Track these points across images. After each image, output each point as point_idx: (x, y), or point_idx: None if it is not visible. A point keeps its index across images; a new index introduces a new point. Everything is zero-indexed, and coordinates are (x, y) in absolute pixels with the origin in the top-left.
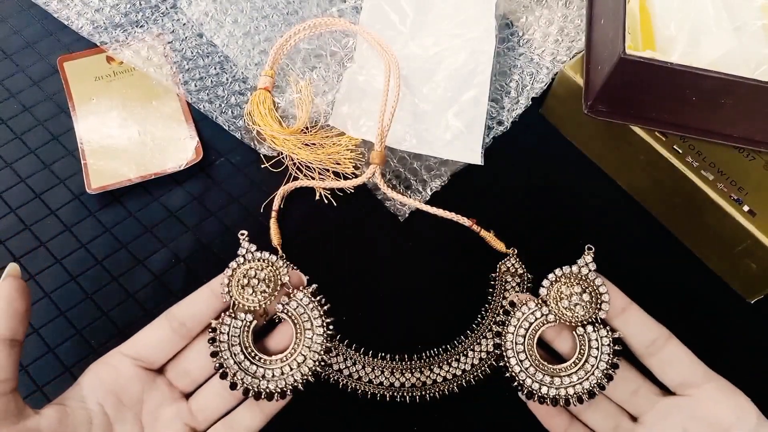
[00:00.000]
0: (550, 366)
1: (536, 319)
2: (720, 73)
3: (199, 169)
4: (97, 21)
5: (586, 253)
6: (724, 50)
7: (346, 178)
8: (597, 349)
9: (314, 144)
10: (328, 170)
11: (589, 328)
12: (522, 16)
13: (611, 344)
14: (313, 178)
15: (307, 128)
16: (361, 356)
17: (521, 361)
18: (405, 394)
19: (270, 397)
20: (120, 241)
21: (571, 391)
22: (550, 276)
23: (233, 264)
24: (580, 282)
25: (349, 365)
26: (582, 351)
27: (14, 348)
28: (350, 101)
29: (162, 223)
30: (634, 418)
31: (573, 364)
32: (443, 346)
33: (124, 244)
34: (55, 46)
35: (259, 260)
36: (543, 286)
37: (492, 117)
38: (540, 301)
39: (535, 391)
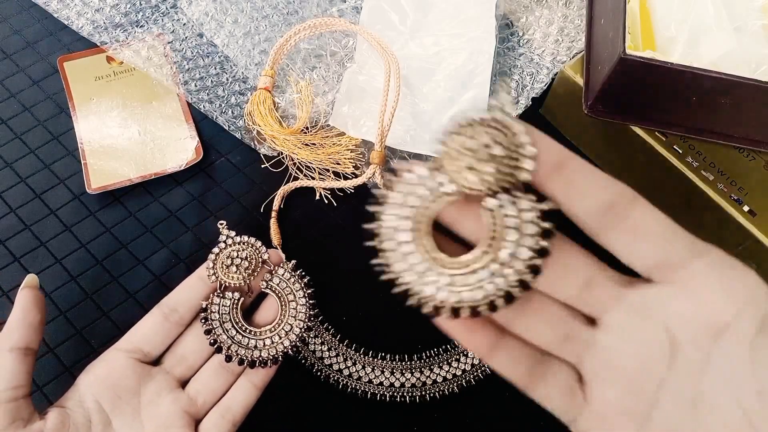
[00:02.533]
0: (450, 259)
1: (428, 191)
2: (720, 73)
3: (199, 169)
4: (97, 21)
5: (500, 86)
6: (725, 50)
7: (346, 178)
8: (515, 229)
9: (314, 144)
10: (328, 170)
11: (503, 197)
12: (522, 16)
13: (537, 219)
14: (313, 178)
15: (307, 128)
16: (361, 356)
17: (406, 254)
18: (405, 394)
19: (264, 364)
20: (120, 241)
21: (479, 294)
22: (448, 126)
23: (216, 249)
24: (491, 131)
25: (349, 365)
26: (494, 234)
27: (28, 356)
28: (350, 101)
29: (162, 223)
30: (591, 321)
31: (482, 254)
32: (443, 346)
33: (124, 244)
34: (56, 46)
35: (239, 243)
36: (440, 141)
37: None
38: (433, 166)
39: (425, 299)
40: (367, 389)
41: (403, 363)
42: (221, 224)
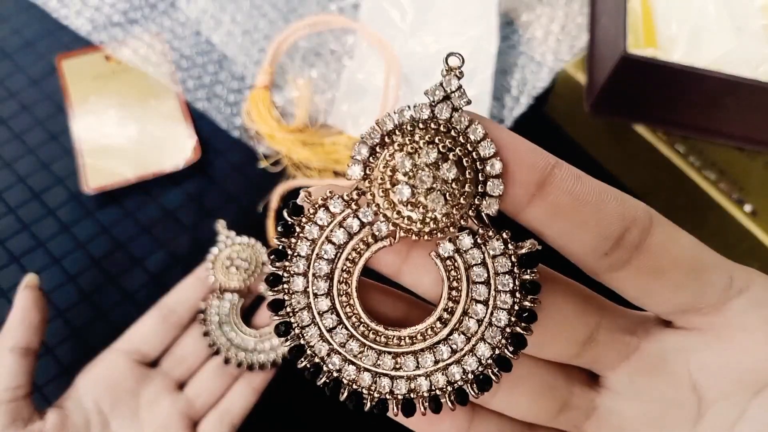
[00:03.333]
0: (392, 331)
1: (350, 236)
2: (721, 73)
3: (197, 169)
4: (95, 20)
5: (445, 66)
6: (725, 50)
7: (345, 177)
8: (484, 284)
9: (313, 143)
10: (327, 169)
11: (462, 239)
12: (523, 14)
13: (515, 267)
14: (312, 177)
15: (306, 127)
16: None
17: (329, 328)
18: None
19: (263, 367)
20: (118, 241)
21: (439, 379)
22: (371, 133)
23: (215, 250)
24: (439, 139)
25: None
26: (453, 294)
27: (28, 357)
28: (350, 99)
29: (160, 222)
30: (592, 379)
31: (438, 323)
32: None
33: (122, 244)
34: (54, 45)
35: (239, 244)
36: (356, 160)
37: (493, 115)
38: (353, 194)
39: (366, 390)
40: None
41: None
42: (220, 224)
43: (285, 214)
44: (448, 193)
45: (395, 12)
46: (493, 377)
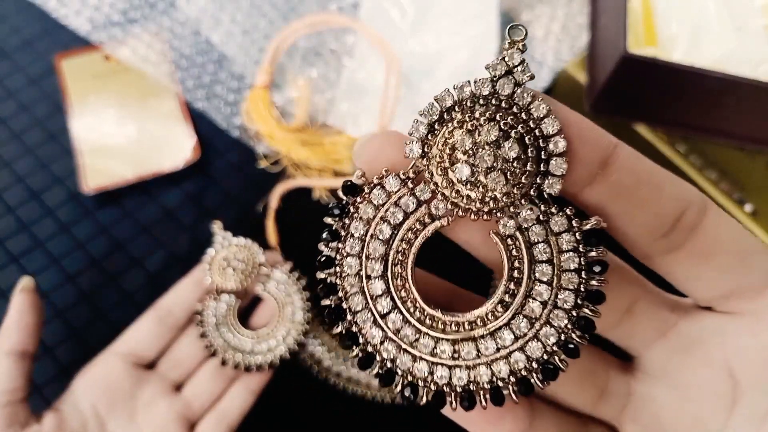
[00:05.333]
0: (450, 316)
1: (406, 215)
2: (721, 73)
3: (196, 168)
4: (94, 19)
5: (507, 40)
6: (726, 49)
7: (345, 177)
8: (548, 263)
9: (313, 142)
10: (326, 169)
11: (526, 215)
12: (523, 14)
13: (580, 245)
14: (312, 177)
15: (305, 126)
16: None
17: (383, 314)
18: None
19: (260, 369)
20: (117, 241)
21: (502, 369)
22: (430, 109)
23: (211, 251)
24: (500, 116)
25: (348, 367)
26: (516, 274)
27: (25, 360)
28: (349, 99)
29: (159, 223)
30: (626, 365)
31: (500, 306)
32: None
33: (121, 245)
34: (53, 45)
35: (235, 245)
36: (414, 138)
37: None
38: (409, 172)
39: (422, 381)
40: (365, 391)
41: None
42: (216, 225)
43: (340, 193)
44: (509, 172)
45: (395, 11)
46: (560, 365)
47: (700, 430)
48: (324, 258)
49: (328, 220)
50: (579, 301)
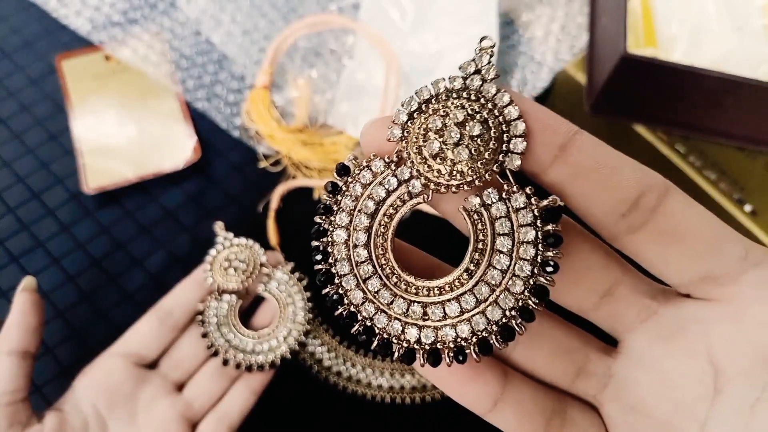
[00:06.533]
0: (422, 282)
1: (388, 193)
2: (721, 73)
3: (197, 169)
4: (95, 19)
5: (478, 45)
6: (726, 49)
7: None
8: (507, 235)
9: (313, 143)
10: (327, 169)
11: (489, 193)
12: (523, 14)
13: (537, 220)
14: (312, 177)
15: (305, 127)
16: (361, 358)
17: (364, 278)
18: (405, 396)
19: (261, 368)
20: (117, 241)
21: (464, 329)
22: (410, 101)
23: (213, 251)
24: (468, 104)
25: (348, 367)
26: (479, 245)
27: (26, 360)
28: (350, 99)
29: (159, 223)
30: (609, 347)
31: (465, 274)
32: None
33: (122, 245)
34: (54, 45)
35: (237, 245)
36: (395, 124)
37: None
38: (393, 156)
39: (396, 339)
40: (366, 391)
41: (403, 365)
42: (218, 225)
43: (334, 174)
44: (473, 148)
45: (395, 11)
46: (517, 328)
47: (682, 416)
48: (319, 228)
49: (323, 196)
50: (535, 271)
